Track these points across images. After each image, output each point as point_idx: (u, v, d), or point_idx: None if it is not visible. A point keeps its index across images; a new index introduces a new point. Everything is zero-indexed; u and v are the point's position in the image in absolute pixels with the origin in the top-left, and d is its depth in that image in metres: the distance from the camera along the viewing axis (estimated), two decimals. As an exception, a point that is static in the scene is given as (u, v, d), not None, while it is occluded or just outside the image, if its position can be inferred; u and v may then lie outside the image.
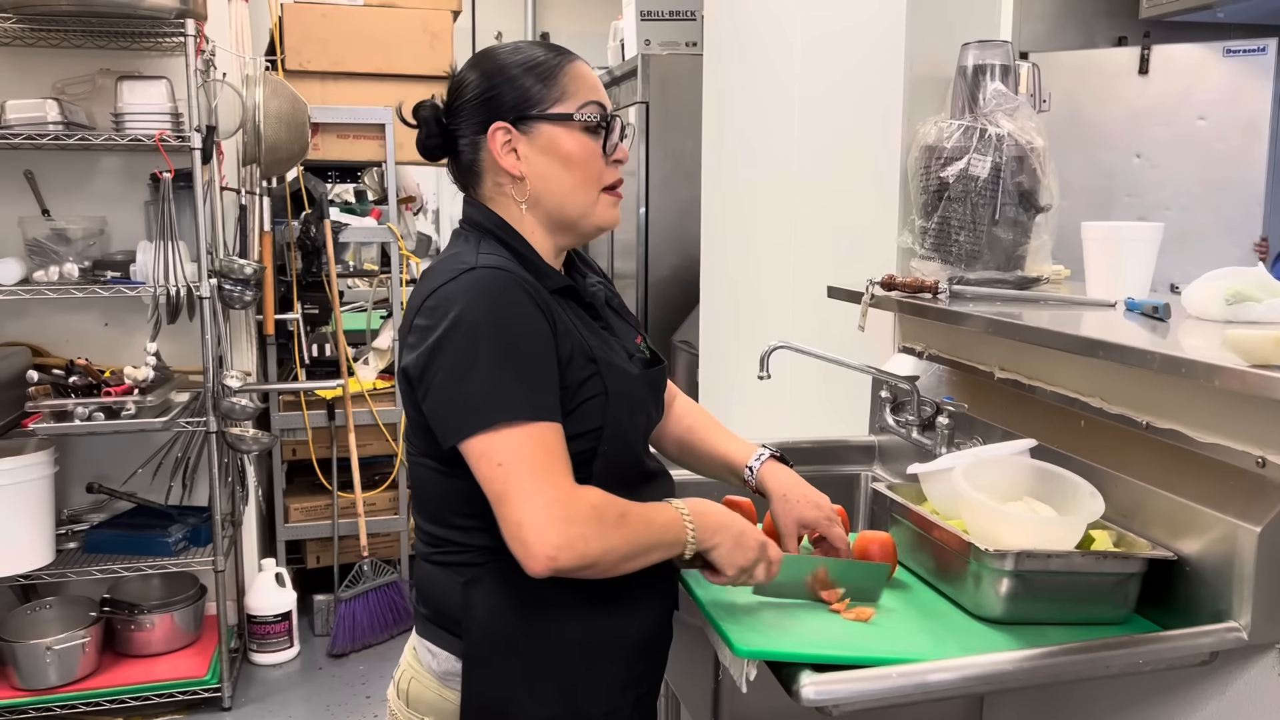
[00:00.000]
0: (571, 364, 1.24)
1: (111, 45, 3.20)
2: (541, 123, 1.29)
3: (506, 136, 1.29)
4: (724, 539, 1.27)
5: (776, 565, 1.32)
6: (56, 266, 3.11)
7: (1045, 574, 1.30)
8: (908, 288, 1.85)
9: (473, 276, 1.22)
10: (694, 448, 1.59)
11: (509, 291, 1.21)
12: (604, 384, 1.27)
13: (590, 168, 1.31)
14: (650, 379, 1.38)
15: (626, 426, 1.31)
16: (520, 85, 1.29)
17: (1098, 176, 3.46)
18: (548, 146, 1.29)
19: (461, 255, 1.27)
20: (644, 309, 3.73)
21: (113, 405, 2.94)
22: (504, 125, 1.29)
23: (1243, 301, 1.42)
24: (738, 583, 1.30)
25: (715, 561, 1.28)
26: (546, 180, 1.30)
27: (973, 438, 1.74)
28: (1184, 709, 1.35)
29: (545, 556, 1.13)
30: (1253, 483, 1.23)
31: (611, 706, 1.32)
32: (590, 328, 1.33)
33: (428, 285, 1.26)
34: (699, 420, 1.61)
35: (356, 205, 4.62)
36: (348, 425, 3.73)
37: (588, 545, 1.15)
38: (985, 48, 1.93)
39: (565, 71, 1.31)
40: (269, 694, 3.32)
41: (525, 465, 1.15)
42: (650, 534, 1.22)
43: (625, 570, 1.21)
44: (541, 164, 1.30)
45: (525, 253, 1.30)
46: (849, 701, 1.14)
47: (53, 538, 3.09)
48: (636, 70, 3.61)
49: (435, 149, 1.36)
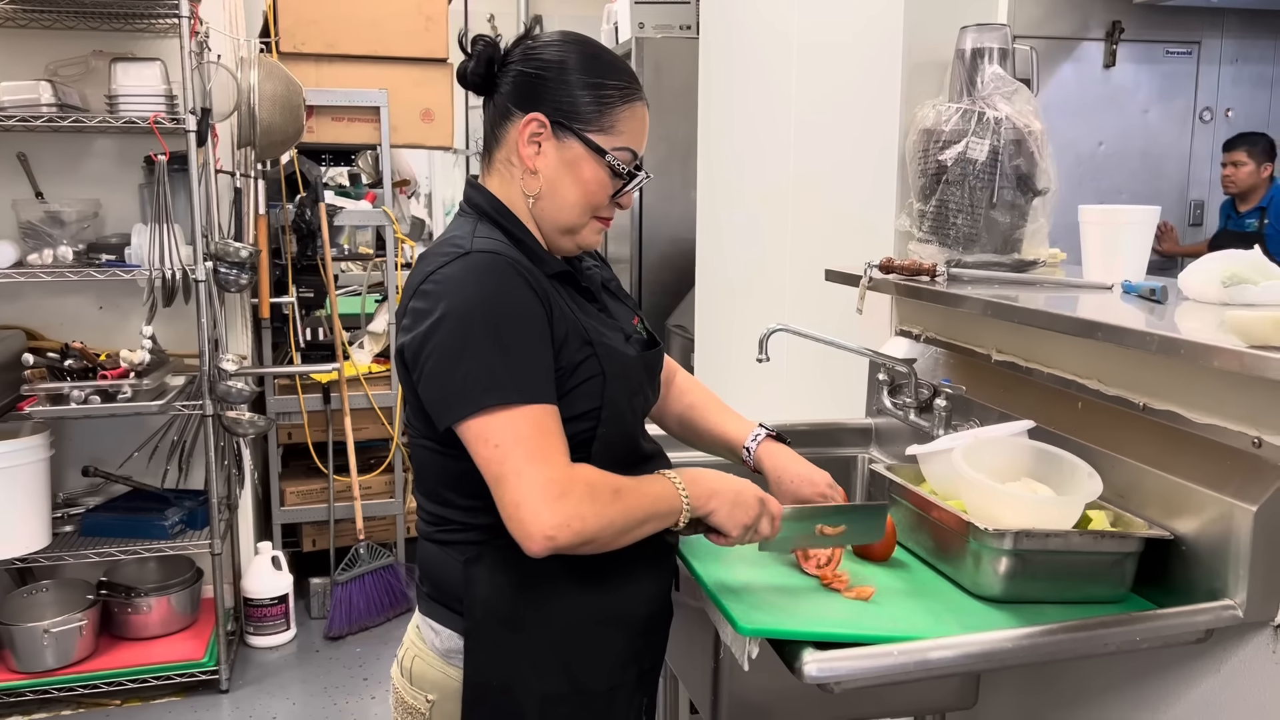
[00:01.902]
0: (567, 346, 1.25)
1: (104, 26, 3.19)
2: (576, 139, 1.29)
3: (539, 130, 1.29)
4: (720, 502, 1.28)
5: (779, 519, 1.33)
6: (50, 249, 3.09)
7: (1043, 553, 1.31)
8: (906, 271, 1.86)
9: (468, 260, 1.23)
10: (695, 425, 1.60)
11: (503, 275, 1.22)
12: (601, 366, 1.28)
13: (596, 198, 1.31)
14: (647, 360, 1.39)
15: (624, 408, 1.32)
16: (577, 95, 1.28)
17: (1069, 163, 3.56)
18: (571, 161, 1.29)
19: (458, 238, 1.28)
20: (638, 293, 3.73)
21: (109, 388, 2.94)
22: (540, 118, 1.28)
23: (1239, 284, 1.43)
24: (745, 541, 1.31)
25: (718, 525, 1.29)
26: (554, 187, 1.30)
27: (970, 420, 1.75)
28: (1179, 686, 1.36)
29: (543, 536, 1.14)
30: (1249, 463, 1.25)
31: (615, 681, 1.34)
32: (586, 310, 1.33)
33: (424, 269, 1.26)
34: (701, 397, 1.62)
35: (351, 188, 4.60)
36: (343, 409, 3.73)
37: (584, 523, 1.16)
38: (983, 31, 1.93)
39: (625, 108, 1.30)
40: (266, 676, 3.33)
41: (521, 447, 1.16)
42: (645, 505, 1.23)
43: (624, 543, 1.22)
44: (556, 172, 1.30)
45: (523, 237, 1.31)
46: (851, 678, 1.16)
47: (49, 521, 3.09)
48: (630, 53, 3.60)
49: (474, 84, 1.34)
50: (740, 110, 2.65)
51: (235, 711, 3.12)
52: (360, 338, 4.06)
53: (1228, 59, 3.68)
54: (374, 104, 3.70)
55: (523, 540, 1.15)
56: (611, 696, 1.34)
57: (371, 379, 3.84)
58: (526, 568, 1.25)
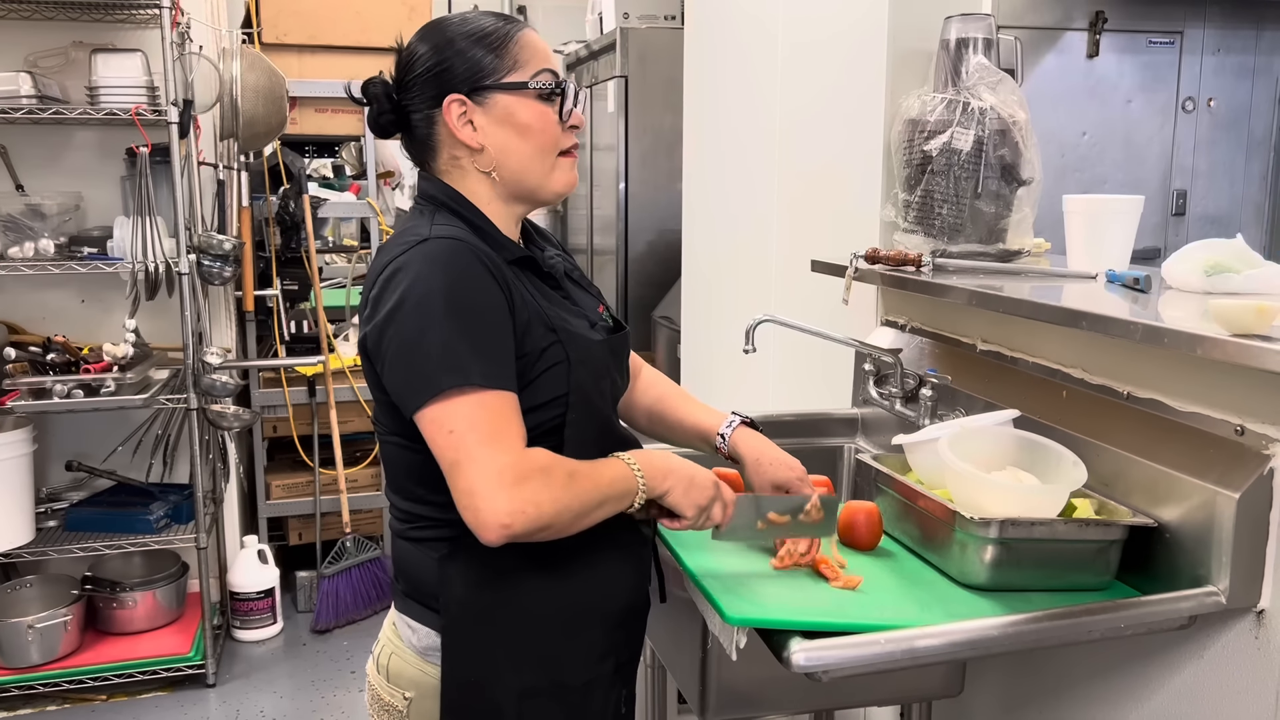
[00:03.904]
0: (530, 332, 1.24)
1: (84, 17, 3.16)
2: (496, 93, 1.28)
3: (462, 109, 1.29)
4: (675, 483, 1.28)
5: (732, 505, 1.33)
6: (32, 243, 3.07)
7: (1029, 541, 1.32)
8: (891, 261, 1.86)
9: (425, 247, 1.22)
10: (664, 417, 1.59)
11: (462, 260, 1.21)
12: (565, 351, 1.27)
13: (547, 135, 1.31)
14: (613, 345, 1.38)
15: (591, 393, 1.31)
16: (471, 56, 1.28)
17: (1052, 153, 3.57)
18: (504, 116, 1.29)
19: (416, 228, 1.27)
20: (623, 285, 3.73)
21: (92, 382, 2.92)
22: (459, 97, 1.28)
23: (1222, 273, 1.45)
24: (698, 525, 1.31)
25: (673, 506, 1.29)
26: (505, 150, 1.30)
27: (955, 409, 1.76)
28: (1163, 672, 1.38)
29: (498, 524, 1.13)
30: (1231, 450, 1.26)
31: (592, 675, 1.33)
32: (550, 297, 1.33)
33: (382, 259, 1.26)
34: (668, 390, 1.62)
35: (335, 180, 4.58)
36: (329, 402, 3.72)
37: (540, 509, 1.15)
38: (968, 21, 1.94)
39: (516, 40, 1.30)
40: (253, 670, 3.33)
41: (477, 432, 1.15)
42: (600, 488, 1.22)
43: (581, 528, 1.21)
44: (499, 134, 1.29)
45: (481, 224, 1.30)
46: (838, 667, 1.16)
47: (32, 516, 3.07)
48: (615, 44, 3.59)
49: (388, 125, 1.35)
50: (726, 101, 2.65)
51: (222, 706, 3.11)
52: (345, 330, 4.05)
53: (1210, 49, 3.70)
54: (358, 95, 3.68)
55: (477, 529, 1.14)
56: (589, 689, 1.33)
57: (357, 371, 3.83)
58: (501, 564, 1.25)
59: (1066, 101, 3.57)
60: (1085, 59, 3.58)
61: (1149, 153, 3.72)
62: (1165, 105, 3.71)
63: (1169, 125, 3.72)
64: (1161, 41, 3.65)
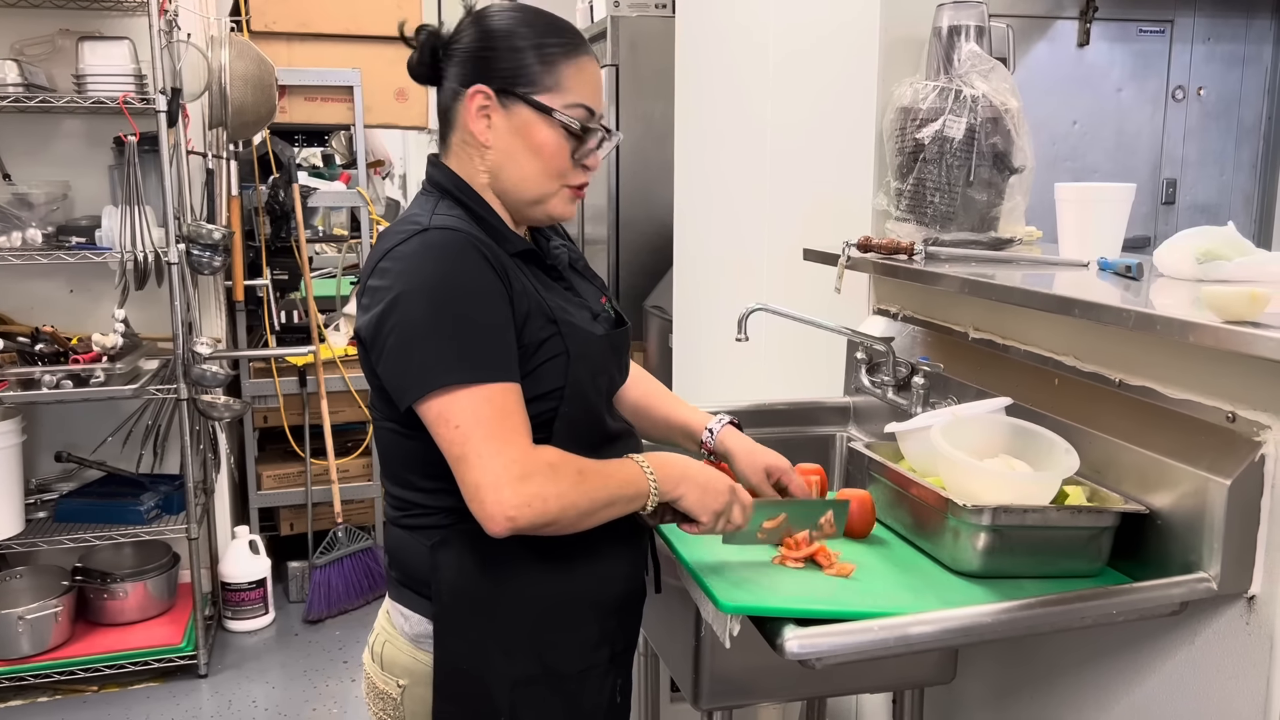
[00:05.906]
0: (530, 324, 1.24)
1: (71, 4, 3.13)
2: (523, 104, 1.27)
3: (485, 102, 1.27)
4: (689, 488, 1.28)
5: (750, 507, 1.33)
6: (19, 232, 3.05)
7: (1021, 528, 1.32)
8: (883, 249, 1.86)
9: (425, 237, 1.21)
10: (649, 413, 1.59)
11: (462, 251, 1.20)
12: (565, 344, 1.26)
13: (555, 163, 1.29)
14: (613, 340, 1.38)
15: (588, 387, 1.31)
16: (518, 58, 1.26)
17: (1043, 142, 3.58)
18: (520, 129, 1.27)
19: (417, 216, 1.26)
20: (615, 274, 3.72)
21: (81, 373, 2.91)
22: (484, 90, 1.27)
23: (1213, 260, 1.45)
24: (715, 530, 1.31)
25: (688, 510, 1.28)
26: (509, 159, 1.28)
27: (948, 397, 1.76)
28: (1154, 658, 1.38)
29: (504, 518, 1.13)
30: (1223, 437, 1.26)
31: (586, 663, 1.34)
32: (551, 289, 1.32)
33: (382, 247, 1.25)
34: (653, 387, 1.62)
35: (325, 169, 4.57)
36: (319, 391, 3.71)
37: (546, 504, 1.15)
38: (960, 8, 1.93)
39: (572, 63, 1.28)
40: (245, 660, 3.32)
41: (482, 427, 1.15)
42: (610, 489, 1.22)
43: (587, 526, 1.21)
44: (509, 142, 1.28)
45: (485, 215, 1.29)
46: (831, 655, 1.16)
47: (21, 507, 3.06)
48: (606, 32, 3.58)
49: (422, 75, 1.33)
50: (717, 89, 2.64)
51: (214, 696, 3.11)
52: (336, 320, 4.03)
53: (1200, 38, 3.70)
54: (347, 83, 3.67)
55: (484, 521, 1.14)
56: (583, 678, 1.34)
57: (348, 361, 3.82)
58: (493, 551, 1.25)
59: (1057, 90, 3.57)
60: (1076, 47, 3.59)
61: (1139, 141, 3.73)
62: (1155, 94, 3.71)
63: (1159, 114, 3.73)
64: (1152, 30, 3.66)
